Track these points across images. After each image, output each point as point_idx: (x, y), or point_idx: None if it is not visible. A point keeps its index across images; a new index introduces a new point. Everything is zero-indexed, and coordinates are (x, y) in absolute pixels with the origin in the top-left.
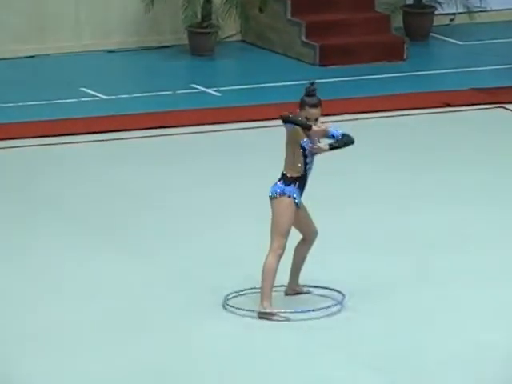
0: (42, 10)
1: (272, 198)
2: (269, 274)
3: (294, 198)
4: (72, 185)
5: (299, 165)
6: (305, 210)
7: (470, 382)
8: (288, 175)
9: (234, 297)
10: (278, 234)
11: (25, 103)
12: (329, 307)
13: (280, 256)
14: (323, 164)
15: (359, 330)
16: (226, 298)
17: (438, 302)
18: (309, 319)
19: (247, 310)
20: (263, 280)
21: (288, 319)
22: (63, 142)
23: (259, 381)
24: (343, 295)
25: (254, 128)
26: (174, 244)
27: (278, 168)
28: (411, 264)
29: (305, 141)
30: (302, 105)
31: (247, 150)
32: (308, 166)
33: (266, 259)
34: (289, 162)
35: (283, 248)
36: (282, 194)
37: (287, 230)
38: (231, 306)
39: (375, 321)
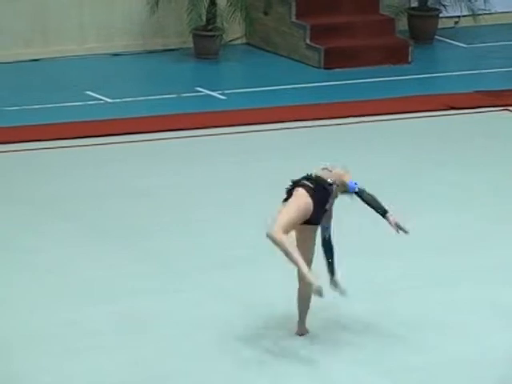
0: (46, 13)
1: None
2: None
3: None
4: (77, 187)
5: None
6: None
7: (475, 383)
8: None
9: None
10: None
11: (29, 107)
12: None
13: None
14: None
15: (363, 332)
16: None
17: (442, 303)
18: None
19: None
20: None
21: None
22: (68, 145)
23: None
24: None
25: (260, 131)
26: (177, 245)
27: (282, 170)
28: (416, 266)
29: None
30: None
31: (253, 153)
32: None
33: None
34: None
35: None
36: None
37: None
38: None
39: (378, 323)
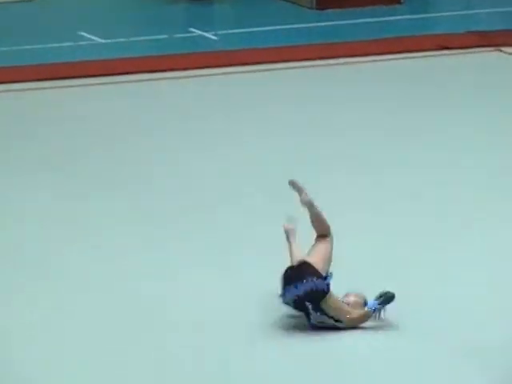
0: None
1: None
2: None
3: None
4: (70, 130)
5: None
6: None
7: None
8: None
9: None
10: None
11: (20, 47)
12: None
13: None
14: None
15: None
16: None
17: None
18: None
19: None
20: None
21: None
22: (59, 85)
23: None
24: None
25: (252, 72)
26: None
27: (275, 113)
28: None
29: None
30: None
31: (245, 93)
32: None
33: None
34: None
35: None
36: None
37: None
38: None
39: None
